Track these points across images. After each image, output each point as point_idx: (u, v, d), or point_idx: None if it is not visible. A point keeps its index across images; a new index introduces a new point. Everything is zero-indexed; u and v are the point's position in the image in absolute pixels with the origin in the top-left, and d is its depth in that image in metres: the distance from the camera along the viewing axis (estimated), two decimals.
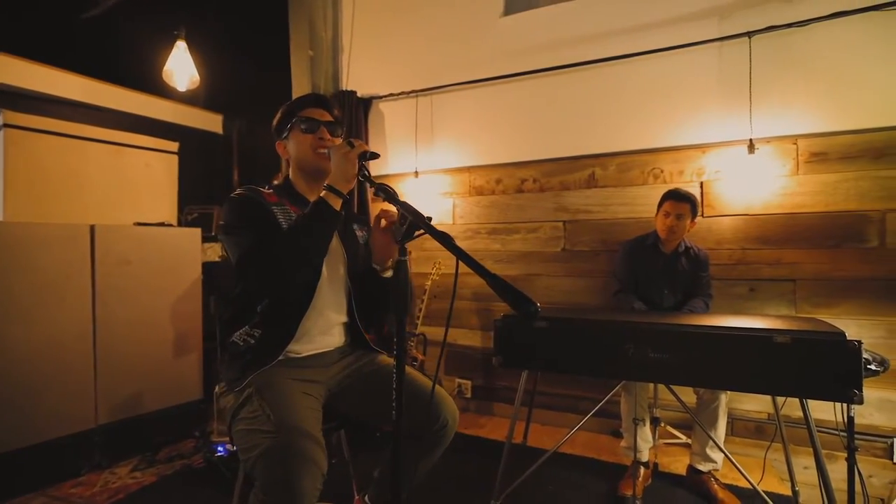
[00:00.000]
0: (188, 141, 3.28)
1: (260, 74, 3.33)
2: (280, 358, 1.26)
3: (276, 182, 1.43)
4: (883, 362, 1.62)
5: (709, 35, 2.22)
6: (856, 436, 1.45)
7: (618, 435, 2.44)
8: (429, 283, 2.74)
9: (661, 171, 2.40)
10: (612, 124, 2.48)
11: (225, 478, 2.09)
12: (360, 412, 1.40)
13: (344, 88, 3.05)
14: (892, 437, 1.99)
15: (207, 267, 2.85)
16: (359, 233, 1.47)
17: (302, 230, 1.15)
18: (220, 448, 2.22)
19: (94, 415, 2.32)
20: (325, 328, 1.36)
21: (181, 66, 2.45)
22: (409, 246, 1.00)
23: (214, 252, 3.04)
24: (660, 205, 2.12)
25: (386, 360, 1.44)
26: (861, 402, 1.33)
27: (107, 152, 2.66)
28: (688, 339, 1.52)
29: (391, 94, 2.94)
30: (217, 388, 1.34)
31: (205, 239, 2.89)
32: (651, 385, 2.03)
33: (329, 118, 1.35)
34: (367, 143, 3.00)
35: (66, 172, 2.50)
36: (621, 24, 2.43)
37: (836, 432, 1.93)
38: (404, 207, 1.02)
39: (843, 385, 1.35)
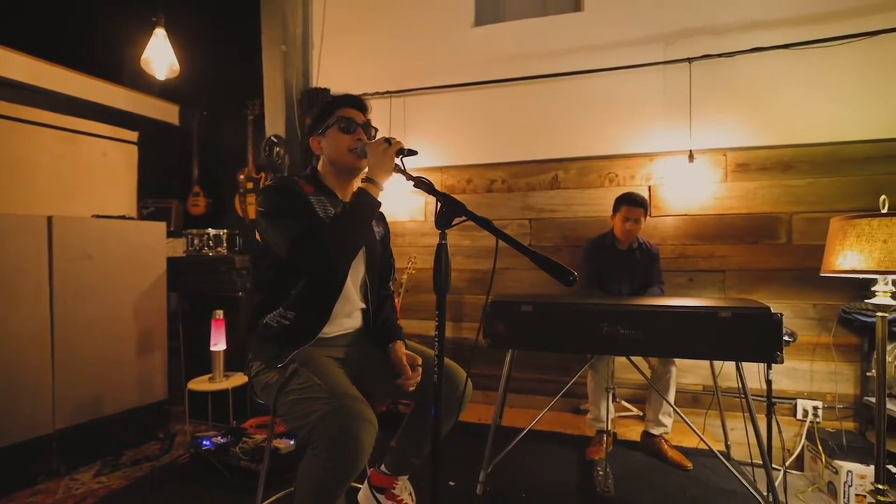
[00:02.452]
0: (142, 131, 3.13)
1: (224, 66, 3.26)
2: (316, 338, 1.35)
3: (304, 172, 1.50)
4: (793, 335, 2.00)
5: (656, 58, 2.58)
6: (767, 397, 1.80)
7: (578, 412, 2.73)
8: (405, 276, 2.86)
9: (616, 176, 2.72)
10: (573, 132, 2.78)
11: (215, 471, 2.09)
12: (379, 388, 1.51)
13: (315, 86, 3.09)
14: (795, 399, 2.43)
15: (172, 262, 2.76)
16: (376, 228, 1.56)
17: (351, 218, 1.25)
18: (205, 442, 2.19)
19: (51, 419, 2.19)
20: (349, 312, 1.46)
21: (160, 54, 2.36)
22: None
23: (179, 247, 2.94)
24: (616, 208, 2.40)
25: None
26: (782, 361, 1.68)
27: (59, 139, 2.50)
28: (651, 317, 1.80)
29: (365, 94, 3.03)
30: (252, 367, 1.40)
31: (170, 234, 2.79)
32: (612, 365, 2.32)
33: (364, 119, 1.45)
34: None
35: (13, 158, 2.31)
36: (582, 42, 2.74)
37: (756, 397, 2.33)
38: (444, 197, 1.16)
39: (769, 349, 1.69)
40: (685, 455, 2.20)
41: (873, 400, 2.17)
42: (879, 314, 1.62)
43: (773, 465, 2.00)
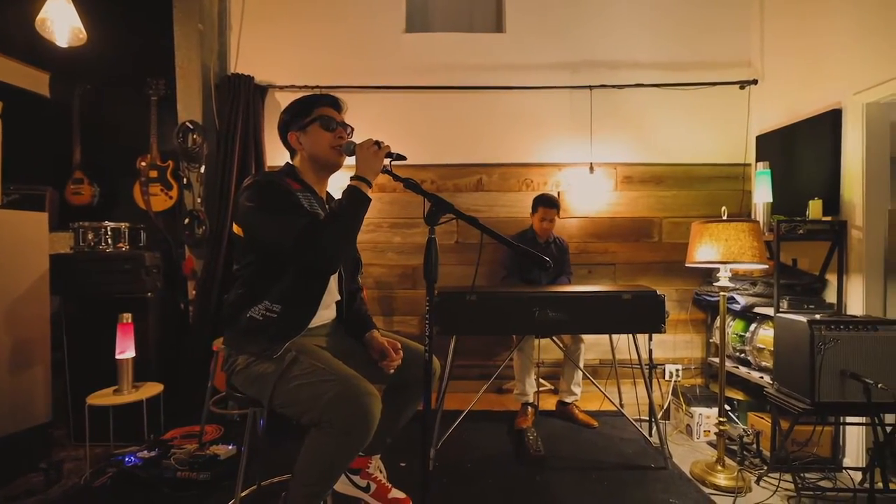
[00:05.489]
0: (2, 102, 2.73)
1: (116, 34, 2.98)
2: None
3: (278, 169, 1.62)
4: (667, 313, 2.73)
5: (564, 82, 3.20)
6: (649, 363, 2.48)
7: (501, 391, 3.22)
8: None
9: (532, 181, 3.28)
10: (495, 140, 3.26)
11: (147, 487, 2.06)
12: (358, 373, 1.73)
13: (234, 71, 3.06)
14: (664, 364, 3.23)
15: (56, 260, 2.51)
16: None
17: (348, 214, 1.42)
18: (128, 458, 2.11)
19: None
20: (328, 303, 1.64)
21: (60, 16, 2.10)
22: None
23: (60, 242, 2.65)
24: (535, 208, 2.95)
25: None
26: (665, 331, 2.34)
27: None
28: (573, 302, 2.34)
29: (293, 86, 3.10)
30: (236, 361, 1.50)
31: (53, 227, 2.52)
32: (537, 346, 2.84)
33: (342, 119, 1.64)
34: (263, 131, 3.08)
35: None
36: (503, 60, 3.24)
37: (639, 366, 3.07)
38: (433, 198, 1.43)
39: (656, 322, 2.34)
40: (591, 416, 2.83)
41: (715, 360, 3.05)
42: (721, 293, 2.35)
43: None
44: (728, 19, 3.21)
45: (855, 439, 2.34)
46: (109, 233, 2.65)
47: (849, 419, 2.31)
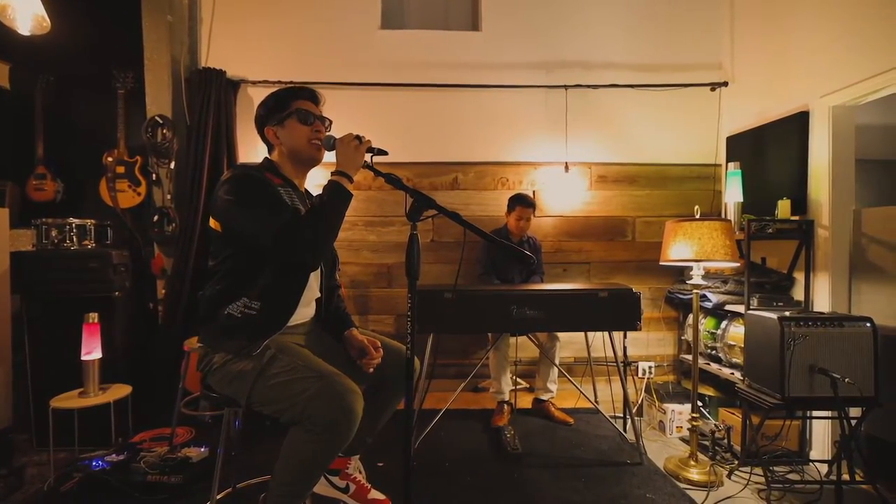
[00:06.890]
0: None
1: (82, 25, 2.82)
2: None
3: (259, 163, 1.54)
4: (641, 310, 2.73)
5: (540, 82, 3.16)
6: (624, 361, 2.45)
7: (478, 390, 3.17)
8: None
9: (507, 180, 3.23)
10: (470, 138, 3.20)
11: (115, 492, 1.95)
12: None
13: (205, 65, 2.92)
14: (637, 362, 3.23)
15: (18, 258, 2.36)
16: None
17: (331, 210, 1.35)
18: (95, 463, 1.99)
19: None
20: (308, 301, 1.57)
21: (23, 2, 1.94)
22: None
23: (21, 239, 2.49)
24: (511, 207, 2.89)
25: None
26: (640, 329, 2.32)
27: None
28: (551, 300, 2.30)
29: (266, 81, 2.99)
30: (213, 359, 1.42)
31: (13, 223, 2.36)
32: (513, 345, 2.80)
33: (319, 112, 1.56)
34: (235, 127, 2.96)
35: None
36: (478, 58, 3.18)
37: (611, 363, 3.06)
38: (415, 193, 1.37)
39: (632, 319, 2.31)
40: (567, 413, 2.79)
41: (687, 357, 3.06)
42: (695, 291, 2.34)
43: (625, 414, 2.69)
44: (700, 22, 3.21)
45: (821, 433, 2.36)
46: (75, 230, 2.50)
47: (816, 413, 2.33)
